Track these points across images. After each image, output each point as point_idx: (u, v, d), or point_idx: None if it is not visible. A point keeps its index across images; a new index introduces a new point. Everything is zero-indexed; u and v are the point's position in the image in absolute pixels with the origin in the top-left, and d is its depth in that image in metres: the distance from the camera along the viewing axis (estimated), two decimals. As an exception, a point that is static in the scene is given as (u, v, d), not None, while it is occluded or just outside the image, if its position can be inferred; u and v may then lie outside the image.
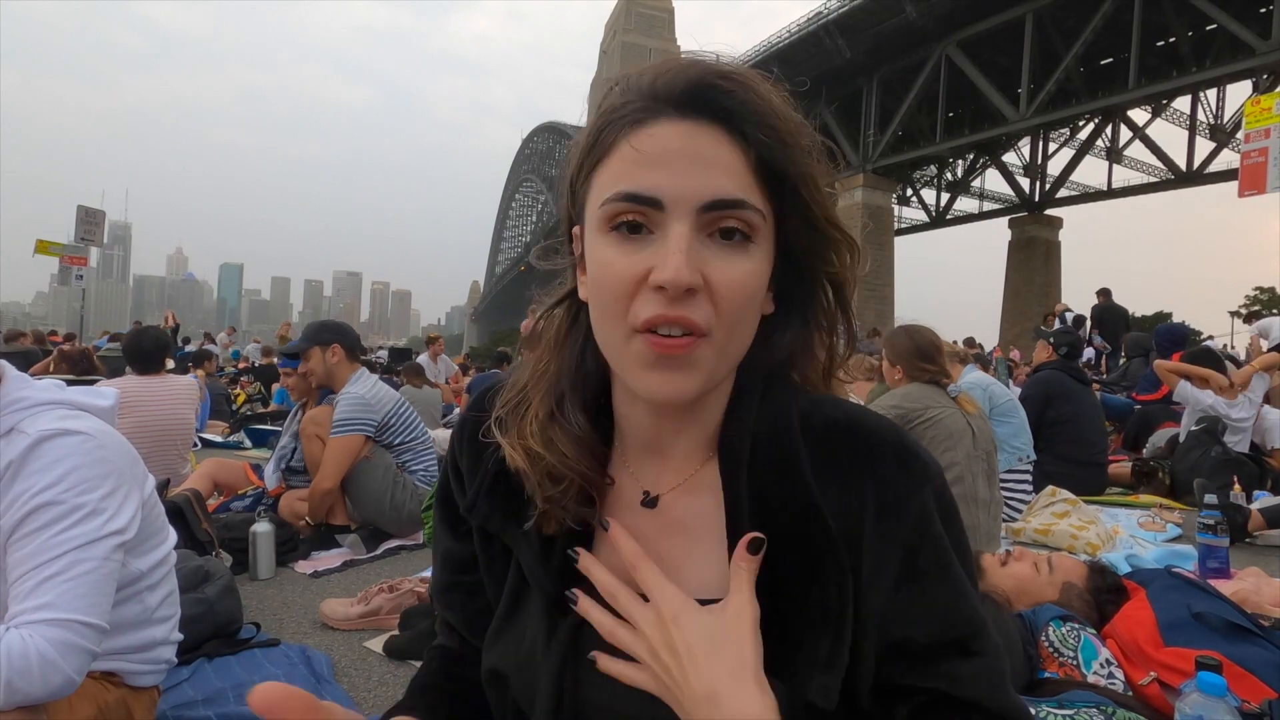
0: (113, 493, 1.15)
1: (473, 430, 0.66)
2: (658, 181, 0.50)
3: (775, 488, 0.56)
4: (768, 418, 0.59)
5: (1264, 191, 9.17)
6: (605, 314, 0.54)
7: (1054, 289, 35.45)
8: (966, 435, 2.54)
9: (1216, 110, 31.74)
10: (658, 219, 0.51)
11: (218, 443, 6.08)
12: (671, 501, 0.61)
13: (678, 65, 0.53)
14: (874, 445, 0.57)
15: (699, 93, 0.51)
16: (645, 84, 0.53)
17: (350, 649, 2.08)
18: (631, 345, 0.52)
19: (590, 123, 0.55)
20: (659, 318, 0.50)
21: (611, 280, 0.52)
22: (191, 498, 2.61)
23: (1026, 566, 1.90)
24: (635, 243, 0.51)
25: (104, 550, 1.11)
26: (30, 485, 1.08)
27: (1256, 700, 1.33)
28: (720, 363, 0.54)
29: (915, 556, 0.55)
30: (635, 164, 0.51)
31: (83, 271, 13.99)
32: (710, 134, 0.51)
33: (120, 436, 1.24)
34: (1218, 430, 4.19)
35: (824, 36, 30.87)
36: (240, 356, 13.79)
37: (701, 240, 0.51)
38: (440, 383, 9.75)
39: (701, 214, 0.50)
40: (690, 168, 0.50)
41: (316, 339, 3.10)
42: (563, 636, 0.59)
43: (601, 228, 0.52)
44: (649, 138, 0.51)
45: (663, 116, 0.51)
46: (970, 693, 0.55)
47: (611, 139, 0.53)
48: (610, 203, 0.51)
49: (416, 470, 3.18)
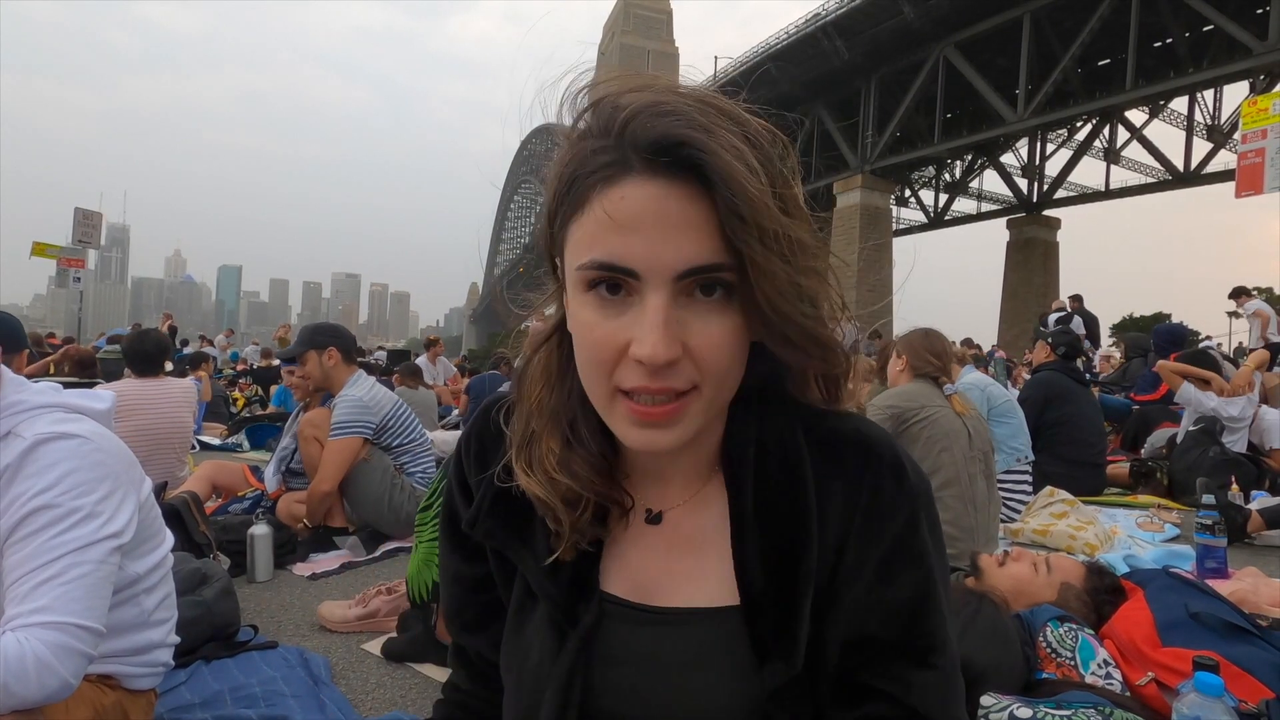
0: (109, 495, 1.15)
1: (477, 445, 0.67)
2: (631, 250, 0.49)
3: (780, 495, 0.58)
4: (772, 427, 0.60)
5: (1261, 192, 9.20)
6: (589, 373, 0.54)
7: (1052, 290, 35.46)
8: (962, 435, 2.54)
9: (1214, 111, 31.81)
10: (634, 286, 0.50)
11: (216, 445, 6.08)
12: (678, 517, 0.62)
13: (648, 111, 0.50)
14: (873, 455, 0.59)
15: (668, 149, 0.48)
16: (616, 125, 0.50)
17: (348, 651, 2.08)
18: (616, 406, 0.53)
19: (561, 163, 0.53)
20: (642, 389, 0.51)
21: (593, 346, 0.52)
22: (189, 500, 2.61)
23: (1025, 566, 1.90)
24: (614, 305, 0.51)
25: (100, 553, 1.11)
26: (27, 488, 1.08)
27: (1254, 700, 1.33)
28: (709, 410, 0.54)
29: (893, 560, 0.57)
30: (608, 229, 0.50)
31: (80, 274, 13.99)
32: (680, 193, 0.49)
33: (117, 439, 1.24)
34: (1215, 430, 4.19)
35: (822, 38, 30.91)
36: (239, 358, 13.78)
37: (681, 302, 0.50)
38: (439, 384, 9.75)
39: (677, 281, 0.50)
40: (665, 234, 0.49)
41: (311, 343, 3.10)
42: (571, 648, 0.59)
43: (580, 287, 0.52)
44: (620, 200, 0.49)
45: (633, 174, 0.49)
46: (920, 702, 0.57)
47: (583, 194, 0.51)
48: (585, 269, 0.51)
49: (415, 472, 3.18)
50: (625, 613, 0.60)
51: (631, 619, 0.60)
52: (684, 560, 0.61)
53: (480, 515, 0.64)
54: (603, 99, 0.53)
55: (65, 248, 13.82)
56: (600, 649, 0.60)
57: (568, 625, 0.60)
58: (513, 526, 0.63)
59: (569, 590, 0.60)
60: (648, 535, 0.62)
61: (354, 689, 1.85)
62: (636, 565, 0.62)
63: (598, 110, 0.53)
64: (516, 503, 0.62)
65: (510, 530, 0.63)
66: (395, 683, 1.90)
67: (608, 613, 0.60)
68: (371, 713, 1.74)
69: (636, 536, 0.62)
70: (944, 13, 27.84)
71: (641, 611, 0.60)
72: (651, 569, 0.61)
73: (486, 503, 0.63)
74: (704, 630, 0.58)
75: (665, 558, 0.61)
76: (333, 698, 1.74)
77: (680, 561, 0.61)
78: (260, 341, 17.80)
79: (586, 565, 0.61)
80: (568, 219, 0.53)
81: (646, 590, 0.61)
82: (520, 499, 0.61)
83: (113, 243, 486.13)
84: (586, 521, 0.59)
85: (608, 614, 0.60)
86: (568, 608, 0.60)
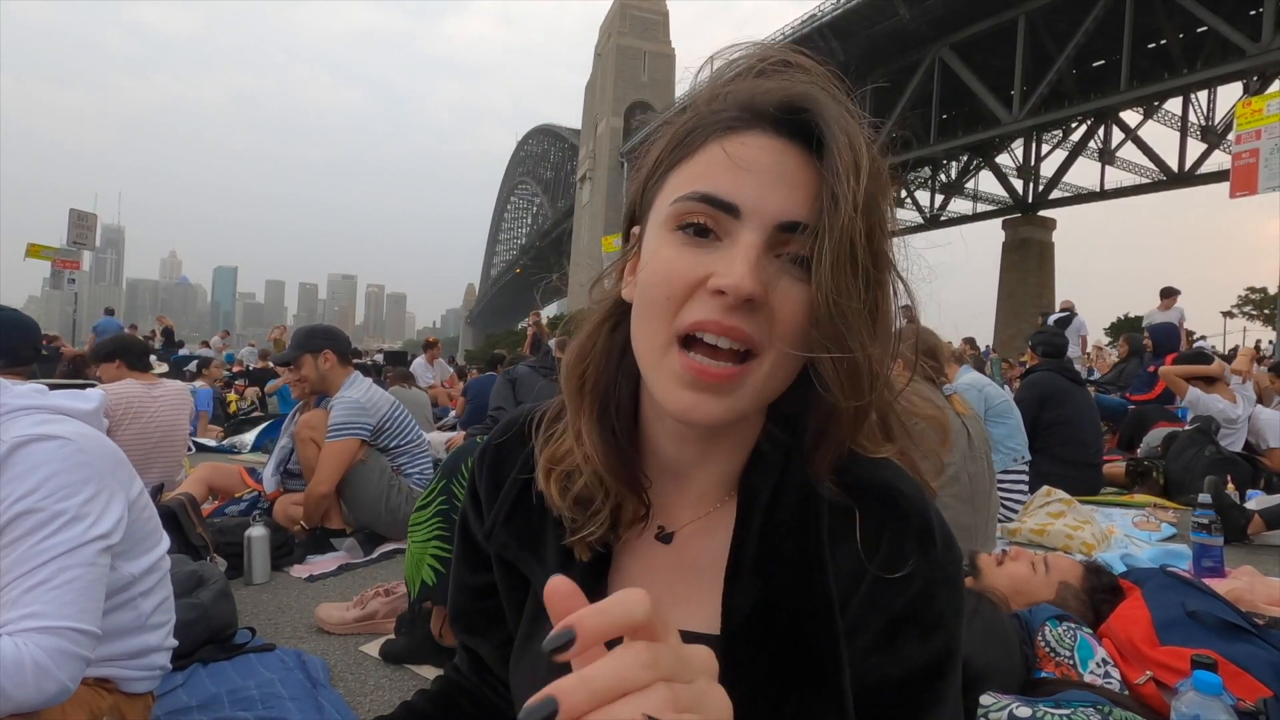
0: (95, 497, 1.13)
1: (494, 458, 0.66)
2: (739, 188, 0.48)
3: (788, 540, 0.55)
4: (798, 469, 0.56)
5: (1255, 192, 9.24)
6: (650, 313, 0.51)
7: (1048, 290, 35.60)
8: (962, 435, 2.54)
9: (1208, 112, 31.96)
10: (730, 226, 0.48)
11: (212, 447, 6.06)
12: (687, 538, 0.61)
13: (778, 82, 0.51)
14: (902, 515, 0.54)
15: (796, 113, 0.49)
16: (743, 97, 0.51)
17: (346, 653, 2.07)
18: (669, 359, 0.50)
19: (681, 121, 0.53)
20: (710, 323, 0.47)
21: (666, 277, 0.49)
22: (186, 502, 2.60)
23: (1023, 566, 1.90)
24: (700, 247, 0.49)
25: (89, 555, 1.09)
26: (8, 494, 1.06)
27: (1251, 698, 1.34)
28: (762, 391, 0.51)
29: (898, 630, 0.53)
30: (719, 167, 0.49)
31: (75, 275, 13.93)
32: (798, 156, 0.49)
33: (104, 439, 1.22)
34: (1211, 430, 4.21)
35: (818, 39, 30.96)
36: (234, 360, 13.74)
37: (769, 259, 0.49)
38: (437, 386, 9.75)
39: (776, 231, 0.48)
40: (775, 183, 0.48)
41: (306, 346, 3.09)
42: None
43: (668, 224, 0.50)
44: (740, 145, 0.49)
45: (756, 129, 0.50)
46: None
47: (699, 141, 0.51)
48: (684, 200, 0.49)
49: (412, 474, 3.17)
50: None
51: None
52: (685, 583, 0.60)
53: (496, 527, 0.63)
54: (723, 73, 0.54)
55: (60, 249, 13.76)
56: None
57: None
58: (527, 541, 0.62)
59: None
60: (656, 553, 0.61)
61: (352, 691, 1.85)
62: (640, 584, 0.61)
63: (717, 83, 0.53)
64: (532, 517, 0.62)
65: (524, 544, 0.63)
66: (393, 684, 1.89)
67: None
68: (370, 714, 1.74)
69: (645, 552, 0.61)
70: (939, 14, 27.94)
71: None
72: (654, 589, 0.61)
73: (503, 515, 0.63)
74: None
75: (669, 578, 0.60)
76: (331, 700, 1.74)
77: (682, 583, 0.60)
78: (256, 343, 17.76)
79: (595, 581, 0.60)
80: (673, 166, 0.52)
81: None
82: (536, 513, 0.61)
83: (107, 244, 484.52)
84: (602, 524, 0.58)
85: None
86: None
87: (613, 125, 57.00)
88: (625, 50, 61.18)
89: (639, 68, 61.30)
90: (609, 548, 0.60)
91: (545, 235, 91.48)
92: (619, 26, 62.14)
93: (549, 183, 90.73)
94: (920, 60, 29.89)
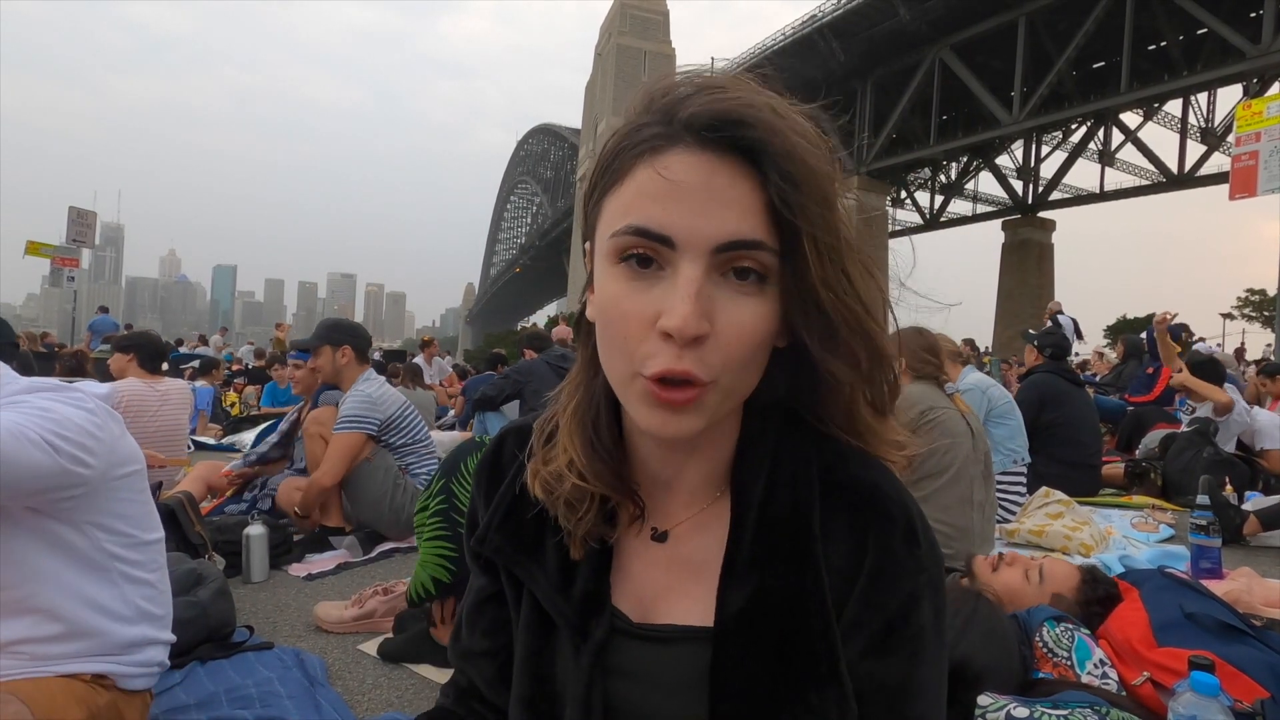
0: (86, 445, 1.16)
1: (491, 466, 0.67)
2: (670, 218, 0.48)
3: (782, 536, 0.56)
4: (788, 463, 0.57)
5: (1254, 194, 9.25)
6: (611, 349, 0.52)
7: (1047, 291, 35.63)
8: (966, 436, 2.54)
9: (1207, 114, 32.01)
10: (669, 256, 0.48)
11: (212, 445, 6.06)
12: (681, 536, 0.61)
13: (706, 96, 0.50)
14: (887, 516, 0.55)
15: (722, 125, 0.48)
16: (667, 106, 0.51)
17: (344, 652, 2.07)
18: (634, 384, 0.51)
19: (607, 142, 0.53)
20: (666, 371, 0.48)
21: (619, 319, 0.50)
22: (184, 500, 2.60)
23: (1017, 574, 1.89)
24: (644, 279, 0.49)
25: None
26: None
27: (1249, 700, 1.34)
28: (724, 403, 0.52)
29: (890, 635, 0.54)
30: (647, 196, 0.48)
31: (74, 273, 13.91)
32: (728, 169, 0.48)
33: (109, 410, 1.25)
34: (1209, 431, 4.21)
35: (818, 40, 31.01)
36: (233, 359, 13.72)
37: (713, 280, 0.49)
38: (436, 385, 9.74)
39: (715, 255, 0.48)
40: (705, 205, 0.48)
41: (328, 338, 3.11)
42: (585, 664, 0.59)
43: (611, 258, 0.50)
44: (664, 168, 0.48)
45: (680, 145, 0.49)
46: None
47: (627, 164, 0.50)
48: (620, 235, 0.49)
49: (420, 473, 3.18)
50: (628, 628, 0.61)
51: (634, 634, 0.60)
52: (681, 579, 0.60)
53: (489, 532, 0.64)
54: (657, 86, 0.53)
55: (59, 247, 13.74)
56: (611, 663, 0.60)
57: (580, 639, 0.60)
58: (522, 545, 0.63)
59: (581, 605, 0.60)
60: (652, 551, 0.62)
61: (350, 690, 1.85)
62: (639, 581, 0.62)
63: (651, 95, 0.53)
64: (528, 521, 0.62)
65: (520, 548, 0.63)
66: (392, 683, 1.89)
67: (615, 627, 0.60)
68: (368, 713, 1.74)
69: (642, 552, 0.62)
70: (940, 15, 27.97)
71: (638, 628, 0.60)
72: (651, 585, 0.62)
73: (497, 519, 0.64)
74: (689, 649, 0.58)
75: (665, 575, 0.61)
76: (329, 698, 1.73)
77: (677, 580, 0.60)
78: (255, 341, 17.73)
79: (597, 580, 0.61)
80: (606, 191, 0.52)
81: (645, 607, 0.61)
82: (532, 517, 0.61)
83: (107, 242, 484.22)
84: (593, 519, 0.59)
85: (615, 629, 0.60)
86: (579, 623, 0.59)
87: (613, 124, 56.92)
88: (625, 50, 61.20)
89: (639, 67, 61.36)
90: (608, 547, 0.61)
91: (545, 234, 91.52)
92: (619, 26, 62.15)
93: (549, 182, 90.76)
94: (920, 61, 29.92)
